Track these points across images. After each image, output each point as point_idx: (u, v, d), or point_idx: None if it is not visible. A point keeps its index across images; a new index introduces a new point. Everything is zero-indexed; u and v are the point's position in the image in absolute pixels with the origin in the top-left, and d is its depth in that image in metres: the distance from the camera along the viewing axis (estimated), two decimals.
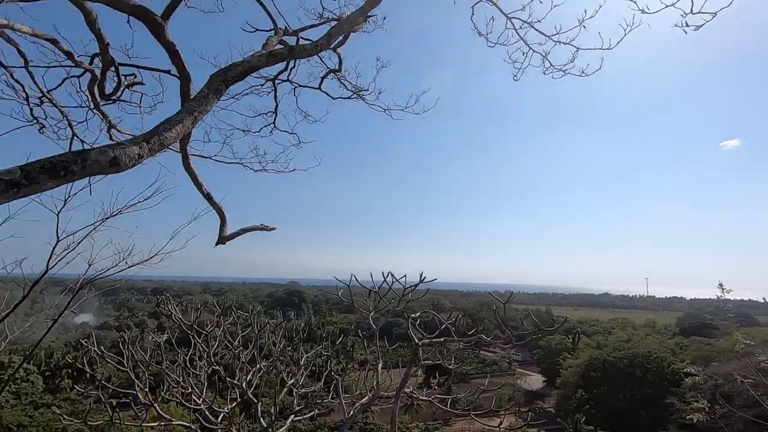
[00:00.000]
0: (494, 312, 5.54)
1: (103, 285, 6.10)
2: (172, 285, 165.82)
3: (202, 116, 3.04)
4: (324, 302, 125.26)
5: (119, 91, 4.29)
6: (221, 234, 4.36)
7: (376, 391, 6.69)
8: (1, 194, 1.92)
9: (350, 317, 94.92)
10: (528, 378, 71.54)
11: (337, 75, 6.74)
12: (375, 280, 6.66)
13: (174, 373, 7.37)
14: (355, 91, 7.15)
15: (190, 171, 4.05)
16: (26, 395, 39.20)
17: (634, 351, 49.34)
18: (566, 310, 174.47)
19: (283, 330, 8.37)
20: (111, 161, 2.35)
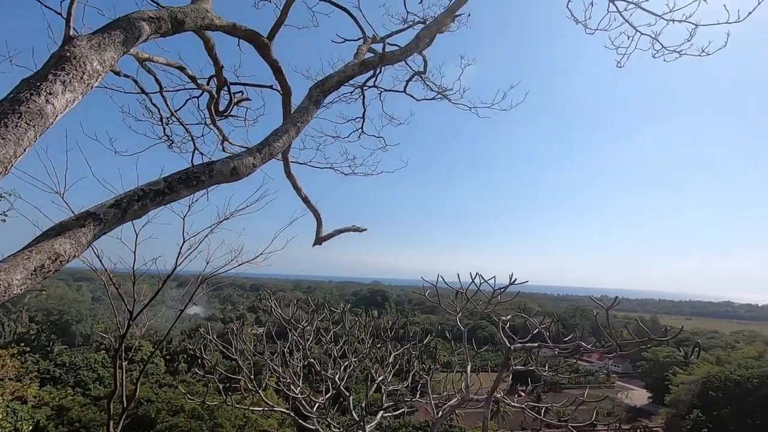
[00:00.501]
0: (594, 318, 5.16)
1: (215, 281, 6.83)
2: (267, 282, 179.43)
3: (304, 126, 3.28)
4: (406, 302, 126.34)
5: (230, 107, 4.81)
6: (318, 235, 4.66)
7: (465, 393, 6.61)
8: (151, 202, 2.28)
9: (432, 318, 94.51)
10: (630, 392, 64.92)
11: (422, 77, 6.80)
12: (462, 282, 6.58)
13: (273, 363, 8.01)
14: (440, 91, 7.14)
15: (290, 177, 4.39)
16: (152, 375, 45.34)
17: (766, 370, 42.30)
18: (676, 319, 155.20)
19: (371, 328, 8.64)
20: (231, 171, 2.66)
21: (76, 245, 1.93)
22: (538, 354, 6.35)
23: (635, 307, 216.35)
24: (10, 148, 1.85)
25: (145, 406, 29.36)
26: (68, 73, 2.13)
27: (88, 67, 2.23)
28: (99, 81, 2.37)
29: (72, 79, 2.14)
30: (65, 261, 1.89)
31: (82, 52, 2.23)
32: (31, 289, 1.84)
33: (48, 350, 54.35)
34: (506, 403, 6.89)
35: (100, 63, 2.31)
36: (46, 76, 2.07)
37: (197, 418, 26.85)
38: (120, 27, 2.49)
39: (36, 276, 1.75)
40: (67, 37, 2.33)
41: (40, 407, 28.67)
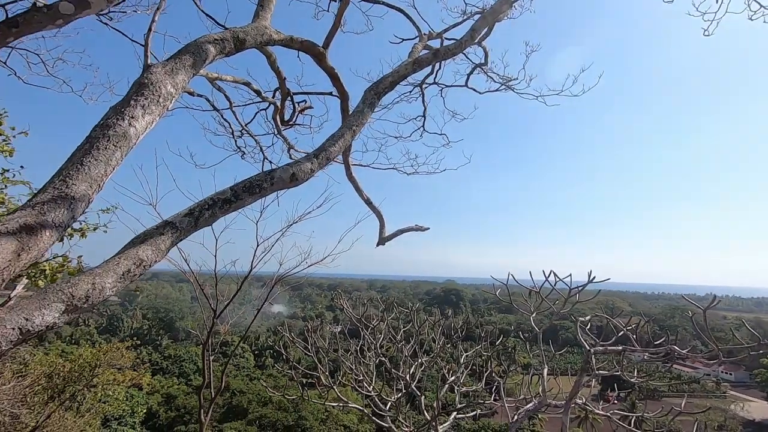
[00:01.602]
0: (690, 319, 4.59)
1: (290, 281, 7.19)
2: (343, 281, 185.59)
3: (360, 129, 3.35)
4: (482, 301, 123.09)
5: (294, 116, 5.06)
6: (381, 235, 4.72)
7: (542, 398, 6.27)
8: (219, 210, 2.47)
9: (510, 318, 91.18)
10: (747, 404, 56.92)
11: (484, 69, 6.59)
12: (536, 280, 6.26)
13: (348, 360, 8.26)
14: (504, 82, 6.86)
15: (352, 179, 4.51)
16: (243, 368, 49.27)
17: None
18: None
19: (441, 327, 8.55)
20: (291, 177, 2.79)
21: (156, 251, 2.16)
22: (623, 358, 5.82)
23: (751, 308, 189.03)
24: (101, 168, 2.12)
25: (238, 396, 31.96)
26: (146, 98, 2.39)
27: (162, 91, 2.48)
28: (173, 102, 2.62)
29: (150, 103, 2.40)
30: (148, 266, 2.12)
31: (157, 78, 2.49)
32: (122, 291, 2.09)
33: (158, 344, 61.53)
34: (590, 410, 6.42)
35: (173, 86, 2.56)
36: (129, 101, 2.35)
37: (284, 410, 28.64)
38: (189, 51, 2.74)
39: (124, 279, 1.99)
40: (146, 65, 2.61)
41: (153, 394, 32.52)
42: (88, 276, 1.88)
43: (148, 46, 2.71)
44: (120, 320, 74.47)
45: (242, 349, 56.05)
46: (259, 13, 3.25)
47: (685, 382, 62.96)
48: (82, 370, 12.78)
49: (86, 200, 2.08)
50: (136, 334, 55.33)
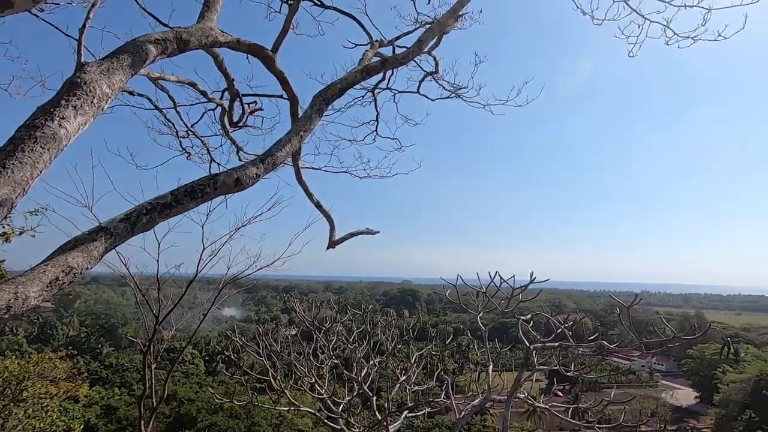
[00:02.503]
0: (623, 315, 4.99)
1: (242, 284, 7.04)
2: (299, 283, 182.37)
3: (307, 134, 3.38)
4: (437, 301, 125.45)
5: (244, 118, 4.98)
6: (331, 239, 4.76)
7: (487, 393, 6.55)
8: (159, 215, 2.42)
9: (464, 317, 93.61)
10: (675, 392, 62.03)
11: (435, 77, 6.79)
12: (483, 280, 6.53)
13: (300, 364, 8.21)
14: (454, 90, 7.10)
15: (302, 183, 4.51)
16: (192, 375, 47.19)
17: None
18: (725, 314, 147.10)
19: (394, 327, 8.70)
20: (235, 182, 2.77)
21: (88, 258, 2.09)
22: (560, 353, 6.22)
23: (680, 303, 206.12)
24: (27, 171, 2.02)
25: (186, 405, 30.60)
26: (79, 98, 2.30)
27: (97, 91, 2.39)
28: (109, 103, 2.54)
29: (83, 104, 2.31)
30: (78, 273, 2.05)
31: (91, 77, 2.40)
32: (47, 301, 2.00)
33: (97, 352, 57.56)
34: (531, 404, 6.78)
35: (109, 86, 2.47)
36: (59, 102, 2.25)
37: (235, 417, 27.74)
38: (128, 51, 2.65)
39: (51, 288, 1.91)
40: (79, 63, 2.51)
41: (91, 406, 30.40)
42: (10, 285, 1.79)
43: (81, 43, 2.60)
44: (54, 328, 68.88)
45: (191, 356, 53.71)
46: (204, 13, 3.19)
47: (623, 373, 67.57)
48: (8, 383, 11.76)
49: (9, 204, 1.97)
50: (73, 343, 51.44)
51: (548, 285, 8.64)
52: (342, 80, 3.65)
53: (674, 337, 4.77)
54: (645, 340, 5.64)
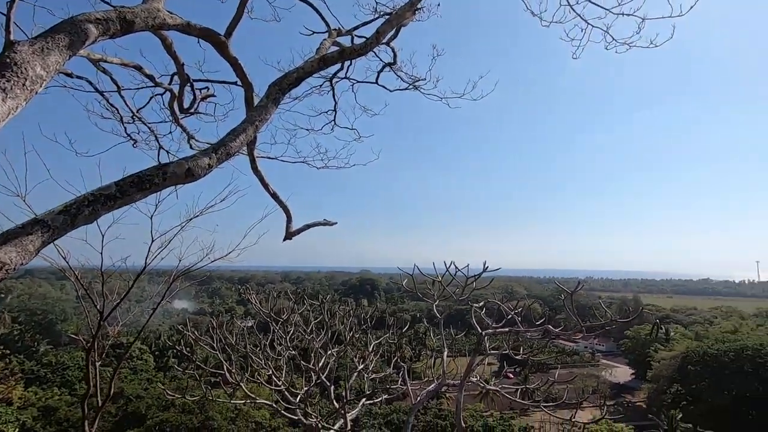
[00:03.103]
0: (567, 301, 5.32)
1: (196, 275, 6.82)
2: (256, 274, 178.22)
3: (263, 124, 3.30)
4: (396, 290, 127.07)
5: (195, 104, 4.77)
6: (288, 230, 4.70)
7: (442, 378, 6.79)
8: (102, 207, 2.30)
9: (421, 305, 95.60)
10: (614, 370, 66.98)
11: (393, 68, 6.80)
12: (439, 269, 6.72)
13: (257, 356, 8.09)
14: (412, 82, 7.16)
15: (257, 173, 4.41)
16: (141, 371, 45.14)
17: (742, 344, 43.97)
18: (658, 297, 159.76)
19: (352, 317, 8.76)
20: (186, 172, 2.68)
21: (23, 253, 1.96)
22: (509, 337, 6.54)
23: (619, 288, 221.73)
24: None
25: (134, 402, 29.30)
26: (9, 80, 2.12)
27: (30, 73, 2.22)
28: (44, 86, 2.36)
29: (13, 86, 2.14)
30: (12, 269, 1.92)
31: (23, 57, 2.22)
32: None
33: (33, 351, 53.53)
34: (483, 386, 7.11)
35: (44, 68, 2.30)
36: None
37: (188, 412, 26.92)
38: (65, 30, 2.47)
39: None
40: (8, 41, 2.30)
41: (26, 408, 28.39)
42: None
43: (11, 19, 2.39)
44: None
45: (140, 351, 51.30)
46: None
47: (568, 354, 71.99)
48: None
49: None
50: (4, 342, 47.63)
51: (501, 273, 9.03)
52: (299, 69, 3.59)
53: (612, 320, 5.17)
54: (587, 323, 6.08)
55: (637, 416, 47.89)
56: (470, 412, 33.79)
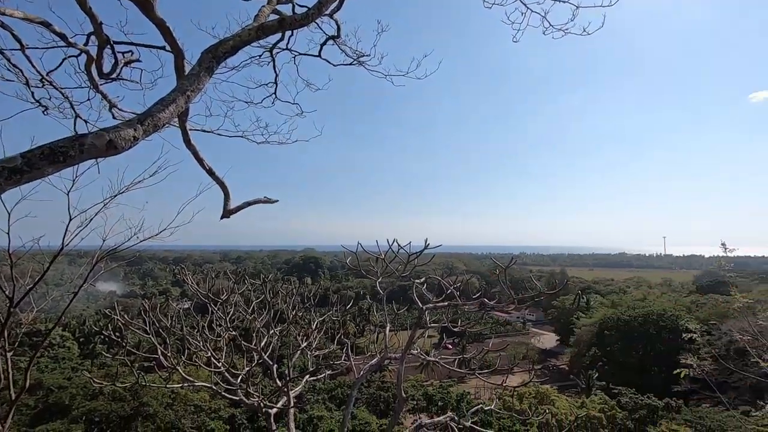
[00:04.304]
0: (501, 275, 5.64)
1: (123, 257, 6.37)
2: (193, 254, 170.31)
3: (195, 94, 3.09)
4: (340, 268, 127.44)
5: (117, 69, 4.33)
6: (225, 207, 4.49)
7: (384, 352, 7.00)
8: (5, 181, 2.05)
9: (366, 282, 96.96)
10: (542, 337, 72.96)
11: (337, 41, 6.61)
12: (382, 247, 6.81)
13: (194, 338, 7.80)
14: (356, 57, 7.01)
15: (191, 147, 4.13)
16: (64, 360, 41.83)
17: (648, 309, 49.55)
18: (581, 270, 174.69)
19: (295, 295, 8.69)
20: (107, 145, 2.45)
21: None
22: (448, 311, 6.86)
23: (548, 262, 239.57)
24: None
25: (56, 393, 27.23)
26: None
27: None
28: None
29: None
30: None
31: None
32: None
33: None
34: (423, 358, 7.42)
35: None
36: None
37: (119, 399, 25.51)
38: None
39: None
40: None
41: None
42: None
43: None
44: None
45: (62, 338, 47.43)
46: None
47: (501, 324, 77.10)
48: None
49: None
50: None
51: (443, 250, 9.34)
52: (235, 37, 3.37)
53: (540, 292, 5.58)
54: (520, 295, 6.52)
55: (560, 378, 52.84)
56: (411, 383, 35.25)
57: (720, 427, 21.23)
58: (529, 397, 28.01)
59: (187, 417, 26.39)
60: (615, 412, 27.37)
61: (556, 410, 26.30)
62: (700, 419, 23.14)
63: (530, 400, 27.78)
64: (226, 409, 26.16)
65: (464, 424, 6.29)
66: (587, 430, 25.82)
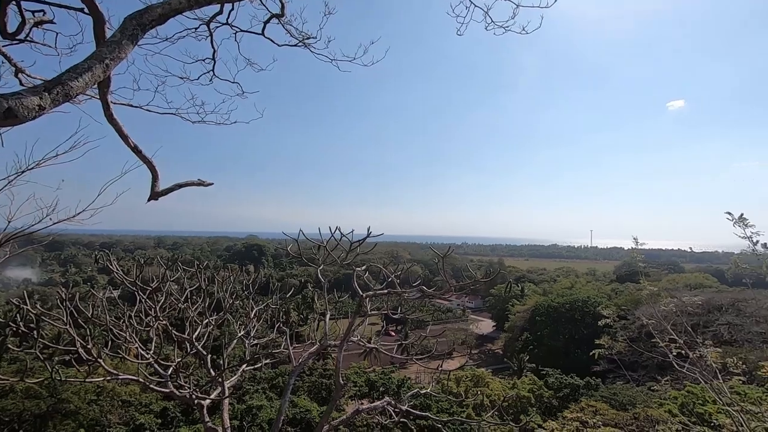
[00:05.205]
0: (439, 264, 5.79)
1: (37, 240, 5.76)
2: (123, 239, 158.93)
3: (115, 63, 2.83)
4: (285, 255, 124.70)
5: (26, 30, 3.85)
6: (153, 189, 4.18)
7: (324, 340, 6.98)
8: None
9: (310, 270, 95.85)
10: (479, 323, 76.61)
11: (281, 20, 6.35)
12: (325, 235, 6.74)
13: (120, 329, 7.29)
14: (301, 39, 6.79)
15: (113, 122, 3.78)
16: None
17: (575, 297, 53.61)
18: (517, 260, 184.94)
19: (232, 283, 8.39)
20: (6, 113, 2.18)
21: None
22: (389, 298, 6.97)
23: (488, 252, 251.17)
24: None
25: None
26: None
27: None
28: None
29: None
30: None
31: None
32: None
33: None
34: (363, 345, 7.49)
35: None
36: None
37: (34, 397, 23.34)
38: None
39: None
40: None
41: None
42: None
43: None
44: None
45: None
46: None
47: (442, 312, 79.90)
48: None
49: None
50: None
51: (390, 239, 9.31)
52: (164, 4, 3.11)
53: (476, 280, 5.82)
54: (459, 283, 6.76)
55: (495, 361, 55.98)
56: (354, 369, 35.57)
57: (630, 401, 23.62)
58: (466, 381, 29.38)
59: (113, 412, 24.78)
60: (542, 391, 29.50)
61: (490, 392, 27.85)
62: (614, 395, 25.58)
63: (467, 383, 29.15)
64: (158, 403, 24.88)
65: (400, 407, 6.46)
66: (517, 409, 27.63)
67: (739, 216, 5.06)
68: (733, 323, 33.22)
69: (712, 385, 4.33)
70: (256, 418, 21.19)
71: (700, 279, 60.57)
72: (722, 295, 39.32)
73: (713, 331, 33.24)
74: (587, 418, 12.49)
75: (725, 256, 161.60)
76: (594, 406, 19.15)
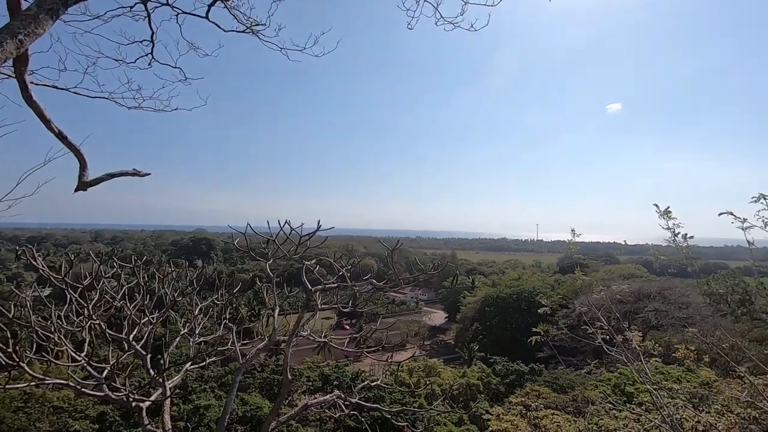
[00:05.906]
0: (388, 257, 5.84)
1: None
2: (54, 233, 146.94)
3: (31, 39, 2.58)
4: (235, 250, 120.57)
5: None
6: (81, 179, 3.86)
7: (272, 335, 6.84)
8: None
9: (262, 264, 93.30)
10: (432, 315, 78.45)
11: (226, 4, 6.07)
12: (274, 228, 6.58)
13: (48, 330, 6.74)
14: (249, 25, 6.54)
15: (33, 104, 3.44)
16: None
17: (522, 288, 56.20)
18: (469, 253, 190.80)
19: (174, 279, 7.99)
20: None
21: None
22: (337, 293, 6.95)
23: (441, 245, 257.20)
24: None
25: None
26: None
27: None
28: None
29: None
30: None
31: None
32: None
33: None
34: (313, 339, 7.43)
35: None
36: None
37: None
38: None
39: None
40: None
41: None
42: None
43: None
44: None
45: None
46: None
47: (397, 304, 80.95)
48: None
49: None
50: None
51: (344, 232, 9.16)
52: None
53: (425, 272, 5.93)
54: (410, 276, 6.86)
55: (447, 351, 57.58)
56: (308, 364, 35.21)
57: (570, 384, 25.20)
58: (418, 371, 30.02)
59: (44, 420, 22.94)
60: (491, 379, 30.78)
61: (442, 381, 28.66)
62: (555, 379, 27.18)
63: (419, 373, 29.81)
64: (95, 407, 23.33)
65: (351, 401, 6.48)
66: (467, 397, 28.66)
67: (665, 209, 5.51)
68: (660, 309, 36.31)
69: (634, 366, 4.71)
70: (204, 418, 20.46)
71: (633, 269, 65.46)
72: (651, 284, 42.71)
73: (643, 317, 36.18)
74: (531, 401, 13.18)
75: (653, 248, 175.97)
76: (537, 391, 20.24)
